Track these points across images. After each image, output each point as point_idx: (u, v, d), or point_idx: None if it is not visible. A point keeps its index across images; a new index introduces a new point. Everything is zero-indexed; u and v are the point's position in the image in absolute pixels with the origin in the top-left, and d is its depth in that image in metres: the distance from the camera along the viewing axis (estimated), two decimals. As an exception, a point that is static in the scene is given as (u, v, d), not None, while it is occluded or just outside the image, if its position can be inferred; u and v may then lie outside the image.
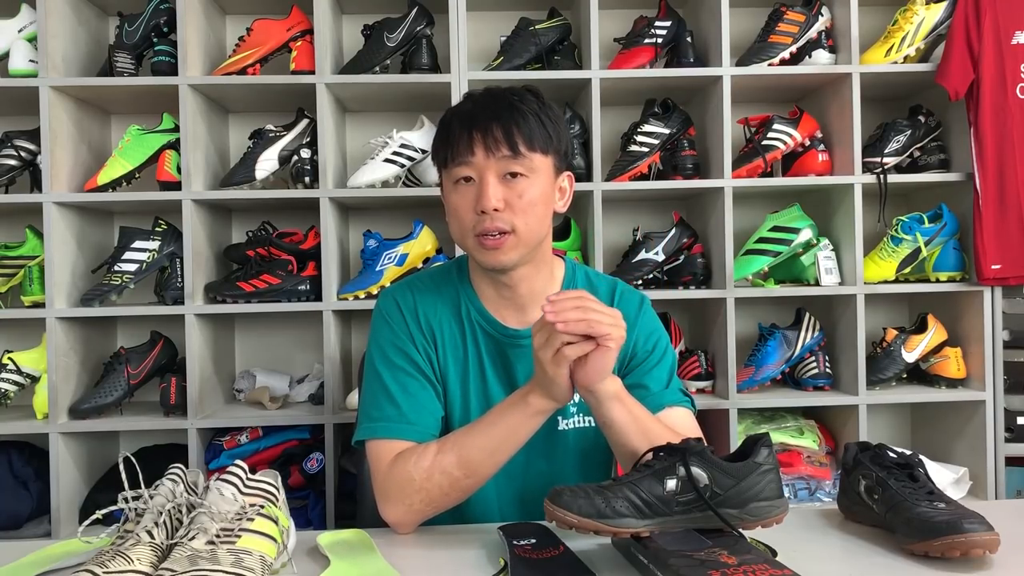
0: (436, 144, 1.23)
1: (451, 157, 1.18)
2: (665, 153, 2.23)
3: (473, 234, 1.18)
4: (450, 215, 1.22)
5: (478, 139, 1.16)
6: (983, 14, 2.13)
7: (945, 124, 2.29)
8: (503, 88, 1.23)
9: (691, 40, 2.23)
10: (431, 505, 1.14)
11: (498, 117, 1.16)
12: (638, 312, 1.31)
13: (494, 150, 1.16)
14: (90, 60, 2.24)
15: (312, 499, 2.12)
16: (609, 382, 1.11)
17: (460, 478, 1.13)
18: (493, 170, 1.17)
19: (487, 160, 1.16)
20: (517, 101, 1.19)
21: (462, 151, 1.17)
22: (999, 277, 2.14)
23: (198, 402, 2.08)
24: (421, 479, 1.13)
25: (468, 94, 1.24)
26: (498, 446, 1.13)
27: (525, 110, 1.18)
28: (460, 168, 1.18)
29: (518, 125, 1.17)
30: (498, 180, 1.17)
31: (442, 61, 2.21)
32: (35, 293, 2.13)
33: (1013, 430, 2.18)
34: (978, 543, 0.94)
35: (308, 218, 2.25)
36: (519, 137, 1.16)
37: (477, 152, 1.16)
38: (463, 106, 1.22)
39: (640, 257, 2.20)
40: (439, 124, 1.24)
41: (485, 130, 1.16)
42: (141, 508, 0.95)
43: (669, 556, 0.89)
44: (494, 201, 1.15)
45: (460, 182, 1.19)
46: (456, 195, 1.20)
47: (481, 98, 1.21)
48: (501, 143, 1.16)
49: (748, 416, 2.27)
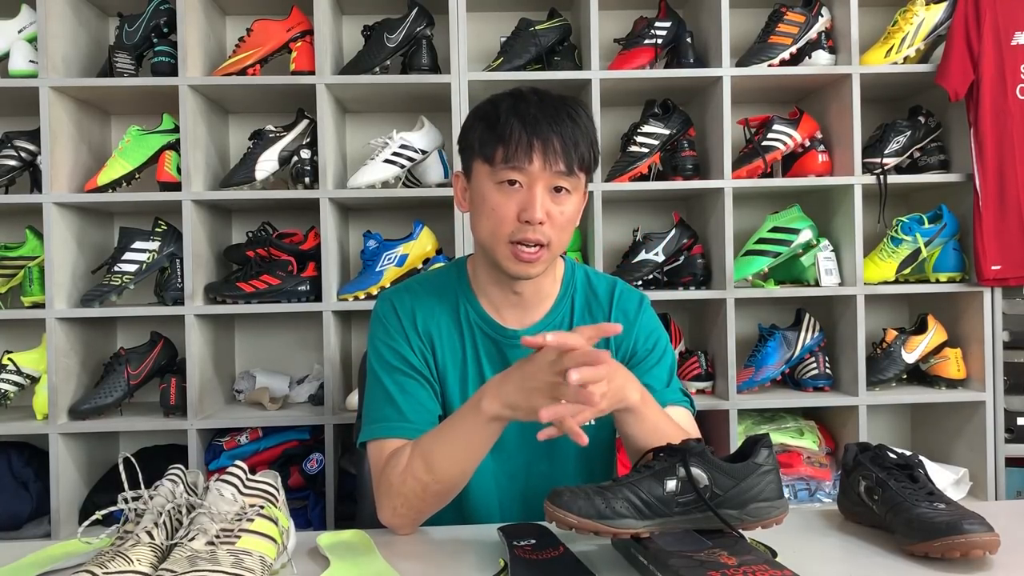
0: (482, 135, 1.17)
1: (505, 157, 1.14)
2: (665, 154, 2.23)
3: (509, 240, 1.16)
4: (484, 213, 1.18)
5: (538, 148, 1.13)
6: (983, 15, 2.13)
7: (945, 125, 2.29)
8: (555, 94, 1.19)
9: (691, 41, 2.23)
10: (412, 509, 1.13)
11: (560, 130, 1.14)
12: (638, 311, 1.31)
13: (552, 163, 1.13)
14: (90, 61, 2.24)
15: (312, 500, 2.12)
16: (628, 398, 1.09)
17: (430, 483, 1.11)
18: (544, 181, 1.14)
19: (542, 171, 1.14)
20: (575, 115, 1.16)
21: (519, 155, 1.13)
22: (999, 278, 2.14)
23: (198, 403, 2.08)
24: (398, 483, 1.13)
25: (519, 91, 1.19)
26: (459, 452, 1.11)
27: (581, 125, 1.16)
28: (512, 172, 1.14)
29: (576, 143, 1.15)
30: (546, 191, 1.15)
31: (442, 62, 2.21)
32: (35, 294, 2.13)
33: (1013, 431, 2.18)
34: (978, 544, 0.94)
35: (308, 219, 2.25)
36: (575, 154, 1.14)
37: (535, 161, 1.13)
38: (520, 106, 1.16)
39: (640, 258, 2.20)
40: (480, 113, 1.20)
41: (546, 140, 1.13)
42: (141, 509, 0.95)
43: (669, 557, 0.89)
44: (541, 213, 1.14)
45: (505, 183, 1.15)
46: (500, 195, 1.16)
47: (540, 102, 1.17)
48: (559, 158, 1.14)
49: (748, 417, 2.27)
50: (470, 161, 1.21)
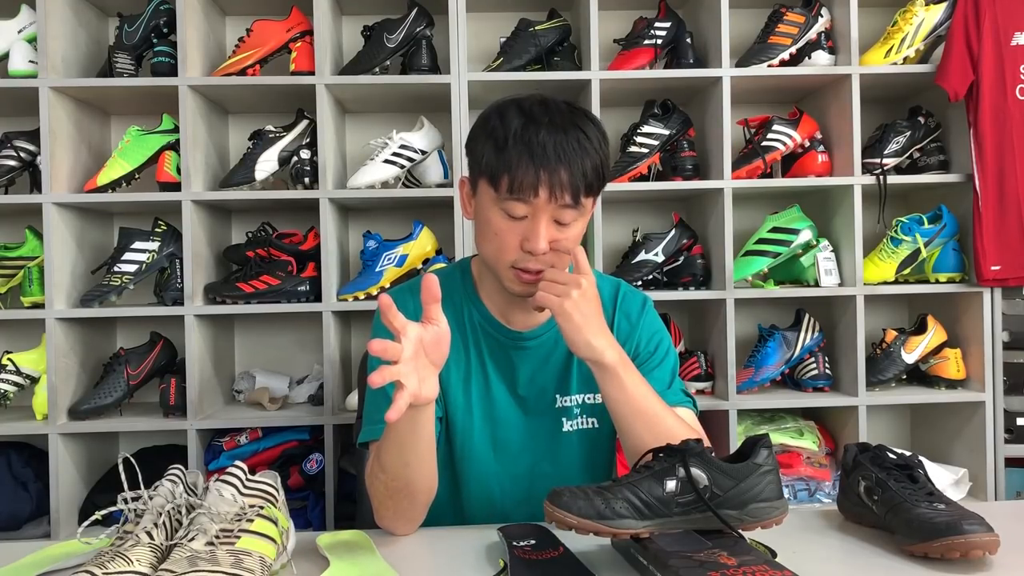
0: (488, 157, 1.13)
1: (510, 189, 1.11)
2: (665, 154, 2.23)
3: (510, 264, 1.16)
4: (487, 235, 1.16)
5: (544, 181, 1.10)
6: (983, 15, 2.13)
7: (945, 125, 2.29)
8: (565, 110, 1.15)
9: (691, 41, 2.23)
10: (389, 509, 1.13)
11: (568, 161, 1.10)
12: (640, 313, 1.31)
13: (557, 196, 1.11)
14: (90, 61, 2.24)
15: (312, 500, 2.12)
16: (601, 353, 1.11)
17: (387, 481, 1.10)
18: (548, 213, 1.12)
19: (547, 204, 1.12)
20: (584, 139, 1.13)
21: (525, 188, 1.10)
22: (999, 278, 2.14)
23: (198, 403, 2.08)
24: (369, 485, 1.14)
25: (529, 109, 1.14)
26: (394, 446, 1.08)
27: (591, 150, 1.13)
28: (516, 204, 1.12)
29: (585, 174, 1.12)
30: (550, 222, 1.13)
31: (442, 62, 2.21)
32: (35, 294, 2.13)
33: (1013, 431, 2.18)
34: (978, 544, 0.94)
35: (308, 219, 2.25)
36: (582, 185, 1.12)
37: (541, 194, 1.11)
38: (528, 131, 1.11)
39: (640, 258, 2.20)
40: (488, 128, 1.15)
41: (553, 173, 1.10)
42: (141, 509, 0.95)
43: (669, 557, 0.89)
44: (544, 245, 1.12)
45: (508, 211, 1.13)
46: (503, 221, 1.14)
47: (550, 124, 1.12)
48: (566, 191, 1.11)
49: (748, 417, 2.27)
50: (475, 175, 1.19)
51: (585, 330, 1.11)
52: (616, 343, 1.15)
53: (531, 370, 1.27)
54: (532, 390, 1.27)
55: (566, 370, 1.27)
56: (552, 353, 1.27)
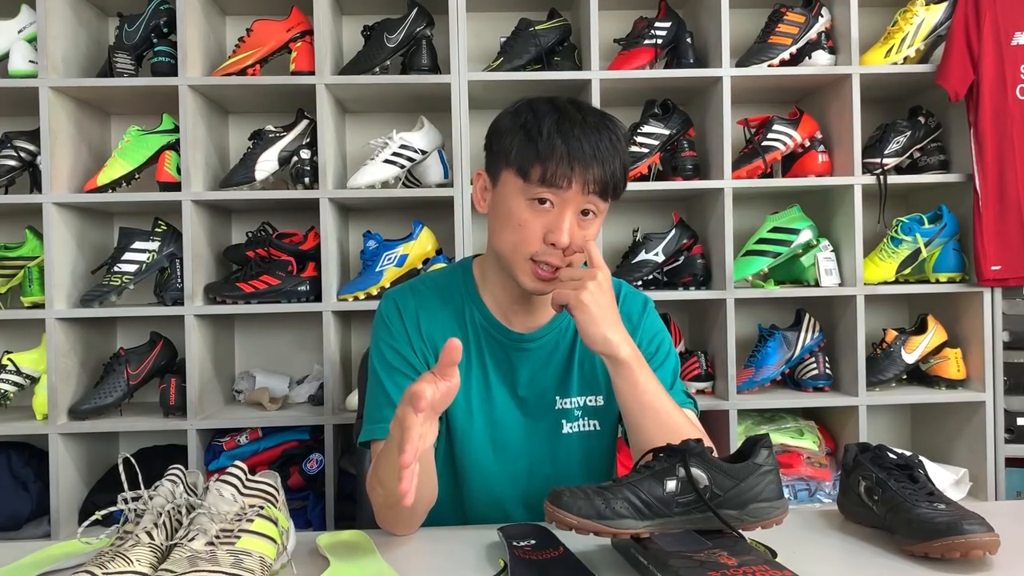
0: (520, 147, 1.13)
1: (543, 177, 1.11)
2: (665, 154, 2.23)
3: (530, 256, 1.15)
4: (509, 226, 1.16)
5: (578, 173, 1.11)
6: (983, 15, 2.13)
7: (945, 125, 2.29)
8: (596, 111, 1.18)
9: (691, 41, 2.23)
10: (389, 516, 1.12)
11: (601, 157, 1.12)
12: (642, 314, 1.31)
13: (588, 189, 1.12)
14: (90, 61, 2.24)
15: (312, 500, 2.12)
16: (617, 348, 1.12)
17: (385, 496, 1.09)
18: (576, 205, 1.14)
19: (576, 196, 1.13)
20: (616, 141, 1.15)
21: (559, 178, 1.11)
22: (999, 278, 2.14)
23: (198, 403, 2.08)
24: (369, 489, 1.14)
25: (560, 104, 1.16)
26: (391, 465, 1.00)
27: (620, 152, 1.15)
28: (548, 192, 1.13)
29: (614, 172, 1.14)
30: (574, 215, 1.14)
31: (442, 62, 2.21)
32: (35, 294, 2.13)
33: (1013, 431, 2.18)
34: (978, 544, 0.94)
35: (308, 219, 2.25)
36: (610, 183, 1.14)
37: (574, 186, 1.12)
38: (564, 123, 1.12)
39: (640, 258, 2.20)
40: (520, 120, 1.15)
41: (587, 166, 1.11)
42: (141, 509, 0.95)
43: (669, 557, 0.89)
44: (567, 239, 1.13)
45: (535, 201, 1.14)
46: (529, 212, 1.14)
47: (583, 121, 1.14)
48: (596, 185, 1.12)
49: (748, 417, 2.27)
50: (499, 167, 1.18)
51: (602, 323, 1.11)
52: (630, 338, 1.15)
53: (531, 371, 1.27)
54: (532, 391, 1.27)
55: (566, 372, 1.27)
56: (553, 355, 1.27)
